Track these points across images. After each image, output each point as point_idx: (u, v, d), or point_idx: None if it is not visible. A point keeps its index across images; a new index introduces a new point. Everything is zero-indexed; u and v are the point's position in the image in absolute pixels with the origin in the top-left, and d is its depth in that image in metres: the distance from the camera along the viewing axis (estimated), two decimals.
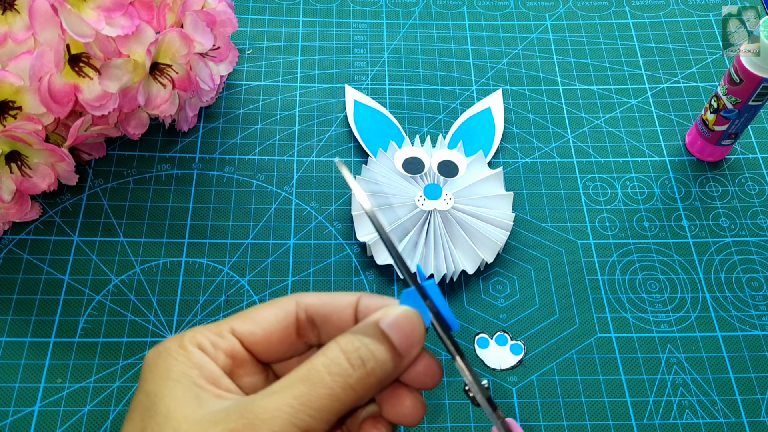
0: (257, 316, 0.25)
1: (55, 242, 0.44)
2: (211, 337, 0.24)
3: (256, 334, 0.25)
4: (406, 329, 0.24)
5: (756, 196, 0.48)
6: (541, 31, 0.57)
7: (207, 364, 0.24)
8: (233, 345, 0.25)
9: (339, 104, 0.52)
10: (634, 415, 0.39)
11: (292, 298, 0.26)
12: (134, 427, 0.22)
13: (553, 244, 0.46)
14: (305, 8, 0.58)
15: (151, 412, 0.22)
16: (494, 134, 0.50)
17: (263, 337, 0.25)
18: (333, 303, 0.26)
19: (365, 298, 0.26)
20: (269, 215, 0.46)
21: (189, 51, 0.42)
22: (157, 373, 0.23)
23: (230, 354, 0.24)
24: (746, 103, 0.44)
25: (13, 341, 0.40)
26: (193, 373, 0.23)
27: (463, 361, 0.25)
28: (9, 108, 0.38)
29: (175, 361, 0.23)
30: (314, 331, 0.26)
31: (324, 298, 0.26)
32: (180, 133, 0.50)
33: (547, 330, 0.42)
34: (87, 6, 0.38)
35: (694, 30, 0.58)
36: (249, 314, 0.25)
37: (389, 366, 0.23)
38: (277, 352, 0.25)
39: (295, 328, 0.25)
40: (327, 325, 0.26)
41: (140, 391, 0.24)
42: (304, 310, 0.26)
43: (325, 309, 0.26)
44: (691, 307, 0.43)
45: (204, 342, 0.24)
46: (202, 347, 0.24)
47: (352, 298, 0.26)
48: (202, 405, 0.22)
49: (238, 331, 0.25)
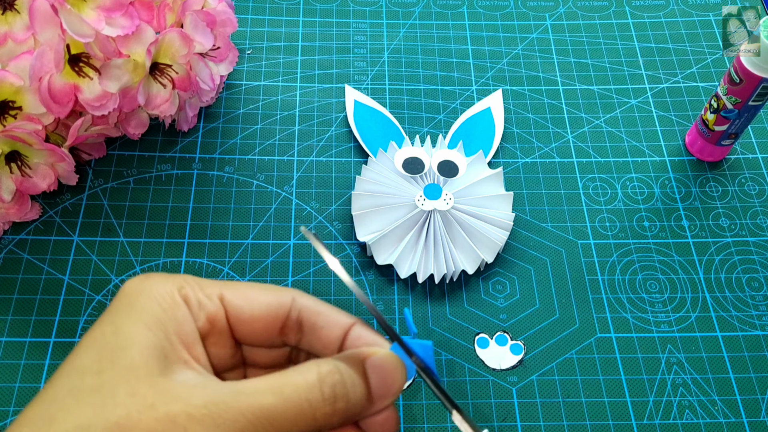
0: (251, 295, 0.25)
1: (55, 242, 0.44)
2: (199, 295, 0.24)
3: (243, 313, 0.24)
4: (388, 377, 0.23)
5: (756, 196, 0.48)
6: (541, 31, 0.57)
7: (186, 323, 0.23)
8: (217, 312, 0.24)
9: (339, 104, 0.52)
10: (634, 415, 0.39)
11: (290, 293, 0.25)
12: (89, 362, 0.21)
13: (553, 244, 0.46)
14: (305, 8, 0.58)
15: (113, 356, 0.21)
16: (494, 134, 0.50)
17: (248, 319, 0.24)
18: (328, 316, 0.25)
19: (359, 327, 0.25)
20: (269, 215, 0.46)
21: (189, 51, 0.42)
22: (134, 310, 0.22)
23: (211, 319, 0.24)
24: (746, 103, 0.44)
25: (13, 341, 0.40)
26: (171, 327, 0.22)
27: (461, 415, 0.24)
28: (9, 108, 0.38)
29: (157, 305, 0.22)
30: (298, 334, 0.25)
31: (321, 308, 0.25)
32: (180, 133, 0.50)
33: (547, 330, 0.42)
34: (87, 6, 0.38)
35: (694, 30, 0.58)
36: (244, 290, 0.25)
37: (358, 408, 0.23)
38: (254, 337, 0.25)
39: (282, 323, 0.25)
40: (313, 334, 0.25)
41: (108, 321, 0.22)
42: (298, 311, 0.25)
43: (318, 319, 0.25)
44: (691, 307, 0.43)
45: (191, 297, 0.23)
46: (188, 301, 0.23)
47: (347, 321, 0.25)
48: (168, 370, 0.21)
49: (227, 301, 0.24)
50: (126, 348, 0.21)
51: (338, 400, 0.22)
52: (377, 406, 0.23)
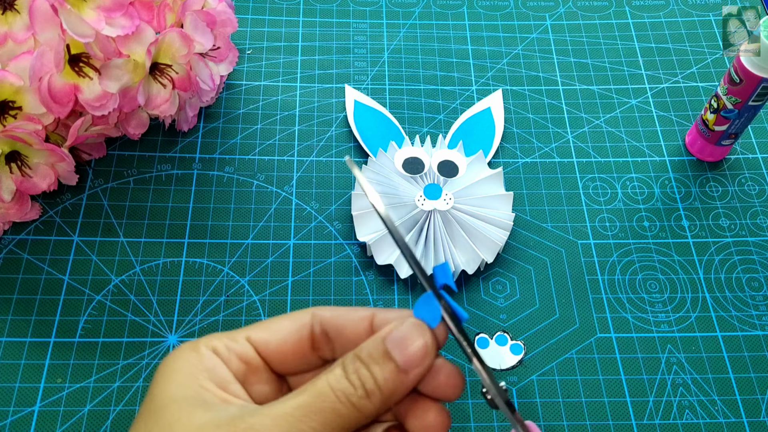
0: (272, 325, 0.26)
1: (55, 242, 0.44)
2: (225, 342, 0.25)
3: (270, 342, 0.25)
4: (411, 346, 0.23)
5: (756, 196, 0.48)
6: (541, 31, 0.57)
7: (218, 368, 0.24)
8: (247, 350, 0.25)
9: (339, 104, 0.52)
10: (634, 415, 0.39)
11: (309, 311, 0.26)
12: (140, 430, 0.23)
13: (553, 244, 0.46)
14: (305, 8, 0.58)
15: (156, 417, 0.22)
16: (494, 134, 0.50)
17: (277, 347, 0.25)
18: (347, 316, 0.26)
19: (380, 314, 0.26)
20: (269, 215, 0.46)
21: (189, 51, 0.42)
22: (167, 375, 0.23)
23: (244, 359, 0.25)
24: (746, 103, 0.44)
25: (13, 341, 0.40)
26: (202, 376, 0.23)
27: (480, 363, 0.24)
28: (9, 108, 0.38)
29: (187, 363, 0.23)
30: (329, 345, 0.26)
31: (339, 312, 0.26)
32: (180, 133, 0.50)
33: (547, 330, 0.42)
34: (87, 6, 0.38)
35: (694, 30, 0.58)
36: (265, 323, 0.26)
37: (392, 385, 0.23)
38: (291, 363, 0.26)
39: (310, 340, 0.26)
40: (341, 338, 0.25)
41: (148, 394, 0.24)
42: (320, 323, 0.26)
43: (339, 322, 0.25)
44: (691, 307, 0.43)
45: (219, 345, 0.24)
46: (216, 350, 0.24)
47: (367, 312, 0.26)
48: (208, 410, 0.22)
49: (253, 338, 0.25)
50: (165, 408, 0.22)
51: (366, 382, 0.23)
52: (414, 374, 0.23)
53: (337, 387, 0.22)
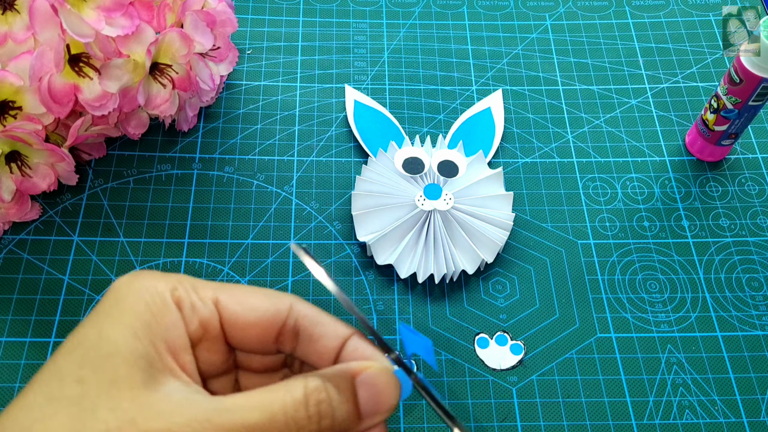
0: (248, 300, 0.24)
1: (55, 242, 0.44)
2: (193, 297, 0.23)
3: (238, 319, 0.23)
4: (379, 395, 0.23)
5: (756, 196, 0.48)
6: (541, 31, 0.57)
7: (176, 328, 0.22)
8: (211, 317, 0.23)
9: (339, 104, 0.52)
10: (634, 415, 0.39)
11: (289, 299, 0.25)
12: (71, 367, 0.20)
13: (553, 244, 0.46)
14: (305, 8, 0.58)
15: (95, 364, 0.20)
16: (494, 134, 0.50)
17: (243, 326, 0.24)
18: (325, 326, 0.24)
19: (356, 339, 0.24)
20: (269, 215, 0.46)
21: (189, 51, 0.42)
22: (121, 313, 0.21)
23: (204, 324, 0.23)
24: (746, 103, 0.44)
25: (13, 341, 0.40)
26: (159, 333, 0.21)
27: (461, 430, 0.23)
28: (9, 108, 0.38)
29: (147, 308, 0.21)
30: (293, 342, 0.25)
31: (319, 317, 0.25)
32: (180, 133, 0.50)
33: (547, 330, 0.42)
34: (87, 6, 0.38)
35: (694, 30, 0.58)
36: (240, 294, 0.24)
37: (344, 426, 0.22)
38: (249, 343, 0.24)
39: (278, 331, 0.24)
40: (309, 344, 0.24)
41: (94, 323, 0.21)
42: (295, 318, 0.24)
43: (315, 329, 0.24)
44: (691, 307, 0.43)
45: (185, 299, 0.23)
46: (181, 304, 0.22)
47: (345, 331, 0.24)
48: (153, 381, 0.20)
49: (223, 306, 0.23)
50: (109, 356, 0.20)
51: (323, 418, 0.22)
52: (366, 424, 0.23)
53: (292, 416, 0.21)
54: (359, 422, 0.22)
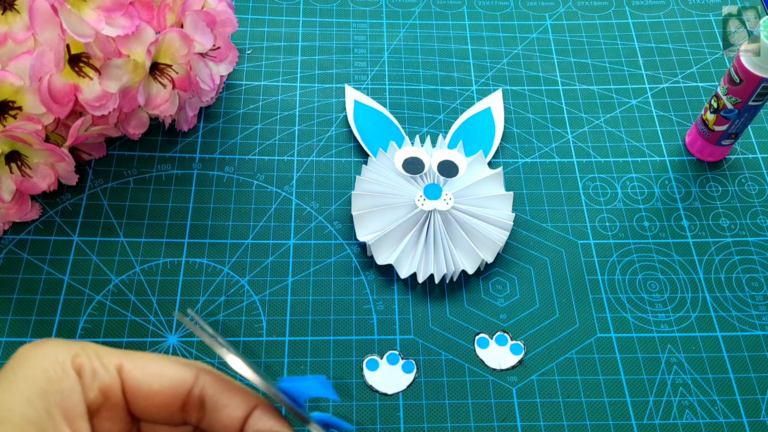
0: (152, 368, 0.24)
1: (55, 242, 0.44)
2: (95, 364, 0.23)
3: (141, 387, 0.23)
4: None
5: (756, 196, 0.48)
6: (541, 31, 0.57)
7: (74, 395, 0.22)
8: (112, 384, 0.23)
9: (339, 104, 0.52)
10: (634, 415, 0.39)
11: (196, 366, 0.24)
12: None
13: (553, 244, 0.46)
14: (305, 8, 0.58)
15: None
16: (494, 134, 0.50)
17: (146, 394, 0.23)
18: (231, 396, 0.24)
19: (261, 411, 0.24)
20: (269, 215, 0.46)
21: (189, 51, 0.42)
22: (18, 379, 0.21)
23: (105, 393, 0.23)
24: (746, 103, 0.44)
25: (13, 341, 0.40)
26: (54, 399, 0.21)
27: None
28: (9, 108, 0.38)
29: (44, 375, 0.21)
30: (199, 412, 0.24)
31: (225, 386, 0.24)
32: (180, 133, 0.50)
33: (547, 330, 0.42)
34: (87, 6, 0.38)
35: (694, 30, 0.58)
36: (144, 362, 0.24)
37: None
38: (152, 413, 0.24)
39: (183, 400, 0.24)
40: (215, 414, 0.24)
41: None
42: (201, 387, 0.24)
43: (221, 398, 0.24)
44: (691, 307, 0.43)
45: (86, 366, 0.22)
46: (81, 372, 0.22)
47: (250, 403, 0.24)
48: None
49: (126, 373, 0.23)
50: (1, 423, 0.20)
51: None
52: None
53: None
54: None
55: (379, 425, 0.39)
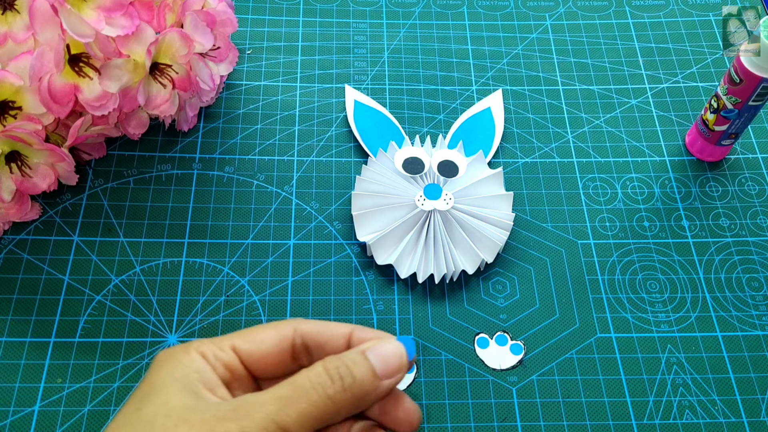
0: (256, 337, 0.28)
1: (55, 242, 0.44)
2: (213, 349, 0.27)
3: (253, 353, 0.28)
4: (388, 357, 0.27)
5: (756, 196, 0.48)
6: (541, 31, 0.57)
7: (207, 371, 0.26)
8: (232, 359, 0.27)
9: (339, 104, 0.52)
10: (634, 415, 0.39)
11: (291, 323, 0.28)
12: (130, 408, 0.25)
13: (553, 244, 0.46)
14: (305, 8, 0.58)
15: (150, 397, 0.25)
16: (494, 134, 0.50)
17: (260, 357, 0.28)
18: (328, 332, 0.28)
19: (358, 331, 0.28)
20: (269, 215, 0.46)
21: (189, 51, 0.42)
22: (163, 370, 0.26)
23: (228, 367, 0.27)
24: (746, 103, 0.44)
25: (13, 341, 0.40)
26: (194, 376, 0.26)
27: None
28: (9, 108, 0.38)
29: (180, 363, 0.26)
30: (308, 356, 0.28)
31: (320, 327, 0.28)
32: (180, 133, 0.50)
33: (547, 330, 0.42)
34: (87, 6, 0.38)
35: (694, 30, 0.58)
36: (249, 334, 0.28)
37: (367, 385, 0.26)
38: (271, 371, 0.28)
39: (291, 351, 0.28)
40: (320, 351, 0.28)
41: (143, 381, 0.26)
42: (301, 336, 0.28)
43: (321, 337, 0.28)
44: (691, 307, 0.43)
45: (207, 352, 0.27)
46: (205, 356, 0.27)
47: (346, 329, 0.28)
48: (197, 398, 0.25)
49: (238, 348, 0.27)
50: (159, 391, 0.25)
51: (344, 378, 0.25)
52: (386, 383, 0.26)
53: (316, 381, 0.25)
54: (378, 380, 0.26)
55: None
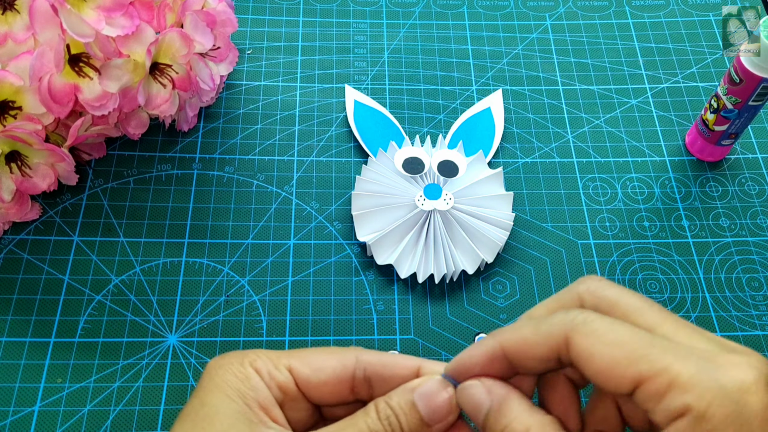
0: (316, 362, 0.27)
1: (55, 242, 0.44)
2: (269, 366, 0.26)
3: (311, 380, 0.26)
4: (435, 402, 0.25)
5: (756, 196, 0.48)
6: (541, 31, 0.57)
7: (261, 390, 0.25)
8: (287, 381, 0.26)
9: (339, 104, 0.52)
10: None
11: (353, 352, 0.27)
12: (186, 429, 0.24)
13: (553, 244, 0.46)
14: (305, 8, 0.58)
15: (205, 423, 0.24)
16: (494, 134, 0.50)
17: (317, 385, 0.26)
18: (393, 366, 0.27)
19: (428, 364, 0.26)
20: (269, 215, 0.46)
21: (189, 51, 0.42)
22: (216, 384, 0.25)
23: (282, 388, 0.26)
24: (746, 103, 0.44)
25: (13, 341, 0.40)
26: (249, 395, 0.25)
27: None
28: (9, 108, 0.38)
29: (235, 378, 0.25)
30: (369, 389, 0.27)
31: (386, 359, 0.27)
32: (180, 133, 0.50)
33: None
34: (87, 6, 0.38)
35: (694, 30, 0.58)
36: (308, 358, 0.27)
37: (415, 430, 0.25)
38: (326, 399, 0.27)
39: (350, 383, 0.27)
40: (384, 386, 0.26)
41: (196, 397, 0.25)
42: (363, 369, 0.27)
43: (385, 371, 0.26)
44: (691, 307, 0.43)
45: (262, 369, 0.26)
46: (259, 372, 0.26)
47: (413, 362, 0.27)
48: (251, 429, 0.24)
49: (295, 371, 0.26)
50: (213, 416, 0.24)
51: (395, 429, 0.24)
52: (436, 429, 0.25)
53: (374, 428, 0.24)
54: (428, 429, 0.25)
55: None
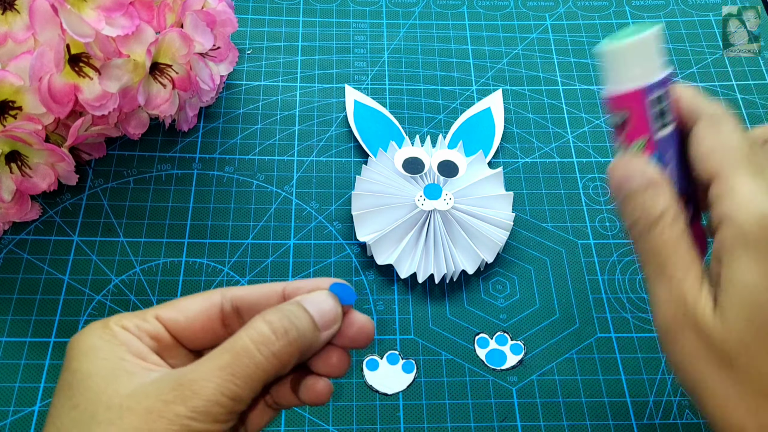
0: (180, 304, 0.27)
1: (55, 242, 0.44)
2: (135, 321, 0.25)
3: (179, 321, 0.26)
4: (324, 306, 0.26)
5: None
6: (541, 31, 0.57)
7: (133, 342, 0.24)
8: (157, 328, 0.26)
9: (339, 104, 0.52)
10: (634, 415, 0.39)
11: (219, 290, 0.27)
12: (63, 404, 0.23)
13: (553, 244, 0.46)
14: (305, 8, 0.58)
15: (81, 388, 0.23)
16: (494, 134, 0.50)
17: (186, 325, 0.26)
18: (260, 292, 0.27)
19: (291, 285, 0.27)
20: (269, 215, 0.46)
21: (189, 51, 0.42)
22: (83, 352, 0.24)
23: (154, 336, 0.25)
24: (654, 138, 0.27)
25: (13, 341, 0.40)
26: (120, 350, 0.24)
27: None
28: (9, 108, 0.38)
29: (101, 340, 0.24)
30: (240, 321, 0.27)
31: (251, 289, 0.27)
32: (180, 133, 0.50)
33: (547, 330, 0.42)
34: (87, 6, 0.38)
35: (694, 30, 0.58)
36: (173, 303, 0.27)
37: (309, 336, 0.25)
38: (201, 339, 0.26)
39: (220, 317, 0.27)
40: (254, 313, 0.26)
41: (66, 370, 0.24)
42: (230, 301, 0.27)
43: (252, 298, 0.27)
44: None
45: (129, 324, 0.25)
46: (127, 328, 0.25)
47: (278, 286, 0.28)
48: (132, 378, 0.23)
49: (162, 317, 0.26)
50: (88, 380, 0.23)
51: (289, 331, 0.24)
52: (326, 332, 0.26)
53: (259, 339, 0.23)
54: (318, 332, 0.25)
55: (379, 425, 0.39)
